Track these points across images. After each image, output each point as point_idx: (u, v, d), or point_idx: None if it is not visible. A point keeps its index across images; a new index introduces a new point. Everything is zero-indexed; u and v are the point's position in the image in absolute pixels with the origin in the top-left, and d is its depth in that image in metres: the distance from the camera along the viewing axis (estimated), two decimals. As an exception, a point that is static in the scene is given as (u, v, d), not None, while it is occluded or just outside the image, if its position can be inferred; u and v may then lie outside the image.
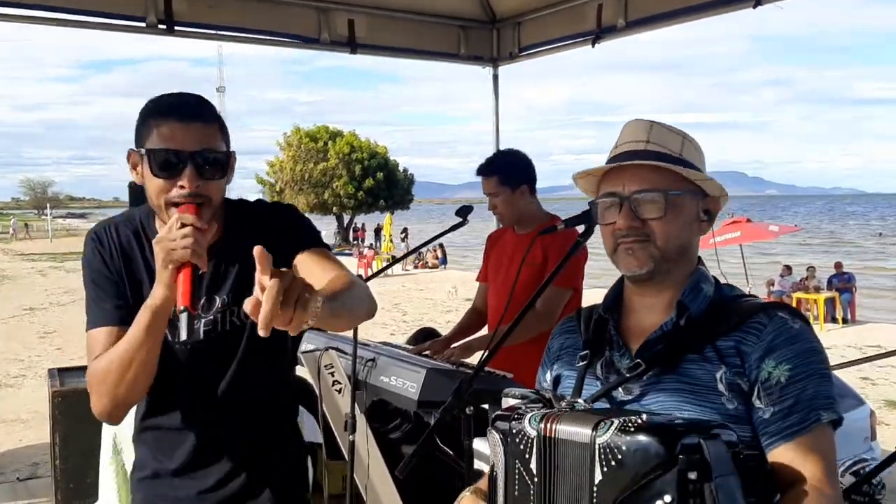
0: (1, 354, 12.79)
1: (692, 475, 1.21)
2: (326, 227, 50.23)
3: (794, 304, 17.25)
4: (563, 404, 1.44)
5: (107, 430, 3.36)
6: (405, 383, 2.70)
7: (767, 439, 1.44)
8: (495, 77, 5.88)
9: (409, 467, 1.74)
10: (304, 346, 2.99)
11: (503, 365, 3.12)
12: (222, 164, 1.79)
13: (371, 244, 38.04)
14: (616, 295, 1.66)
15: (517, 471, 1.39)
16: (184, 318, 1.58)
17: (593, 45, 5.07)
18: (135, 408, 1.93)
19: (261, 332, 1.33)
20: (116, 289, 1.84)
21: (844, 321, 16.86)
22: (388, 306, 20.28)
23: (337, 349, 2.94)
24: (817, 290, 17.28)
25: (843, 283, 17.97)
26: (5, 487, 4.88)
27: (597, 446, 1.27)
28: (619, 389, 1.55)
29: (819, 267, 19.42)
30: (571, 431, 1.33)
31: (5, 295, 21.60)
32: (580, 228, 1.90)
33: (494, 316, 3.71)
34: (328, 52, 5.24)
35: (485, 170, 3.71)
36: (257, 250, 1.35)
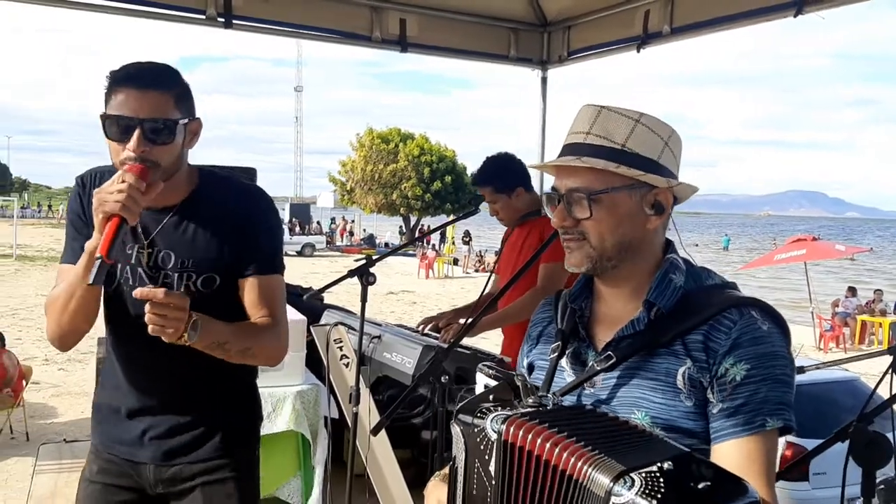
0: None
1: None
2: (392, 228, 50.60)
3: (857, 327, 16.82)
4: (531, 400, 1.41)
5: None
6: (403, 359, 2.84)
7: (712, 434, 1.43)
8: (543, 80, 5.94)
9: (381, 427, 1.85)
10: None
11: (510, 344, 3.18)
12: (170, 130, 1.91)
13: (434, 245, 38.33)
14: (586, 281, 1.63)
15: (476, 469, 1.36)
16: (97, 263, 1.73)
17: (638, 51, 5.13)
18: (95, 348, 2.09)
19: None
20: (88, 231, 1.95)
21: (910, 347, 16.31)
22: (446, 307, 20.53)
23: (347, 325, 3.06)
24: (883, 313, 16.78)
25: (910, 307, 17.47)
26: (51, 448, 5.15)
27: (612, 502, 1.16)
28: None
29: (889, 292, 18.87)
30: (587, 473, 1.20)
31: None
32: None
33: (502, 303, 3.78)
34: (379, 49, 5.38)
35: (478, 180, 3.81)
36: None
